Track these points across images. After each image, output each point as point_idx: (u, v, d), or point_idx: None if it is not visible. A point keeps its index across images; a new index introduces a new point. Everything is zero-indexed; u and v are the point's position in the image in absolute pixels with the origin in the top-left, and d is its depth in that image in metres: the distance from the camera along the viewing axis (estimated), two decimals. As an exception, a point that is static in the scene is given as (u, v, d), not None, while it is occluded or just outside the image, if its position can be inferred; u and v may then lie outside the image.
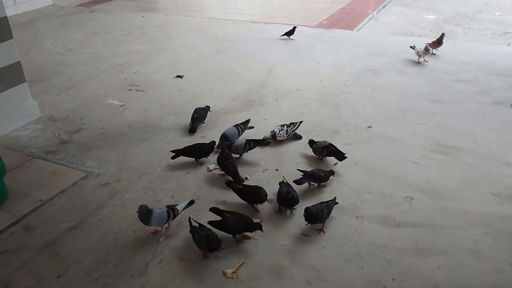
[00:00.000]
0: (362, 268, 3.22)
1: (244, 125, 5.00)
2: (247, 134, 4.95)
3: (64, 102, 6.08)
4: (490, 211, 3.77)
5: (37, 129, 5.35)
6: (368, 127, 5.15)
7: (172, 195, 4.05)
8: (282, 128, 4.85)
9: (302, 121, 5.02)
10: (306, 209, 3.52)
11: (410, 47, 7.22)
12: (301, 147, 4.78)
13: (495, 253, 3.33)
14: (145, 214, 3.43)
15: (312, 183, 4.15)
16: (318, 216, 3.51)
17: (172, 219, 3.57)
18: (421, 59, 7.14)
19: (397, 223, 3.66)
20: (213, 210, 3.64)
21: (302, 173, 4.10)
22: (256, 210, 3.83)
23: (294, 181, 4.02)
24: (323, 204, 3.63)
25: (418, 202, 3.90)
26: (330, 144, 4.46)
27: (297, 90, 6.28)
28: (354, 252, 3.36)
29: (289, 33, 8.43)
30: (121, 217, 3.79)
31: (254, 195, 3.84)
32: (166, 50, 8.17)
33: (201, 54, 7.85)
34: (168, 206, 3.61)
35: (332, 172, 4.20)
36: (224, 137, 4.70)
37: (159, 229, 3.59)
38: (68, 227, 3.69)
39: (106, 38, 8.90)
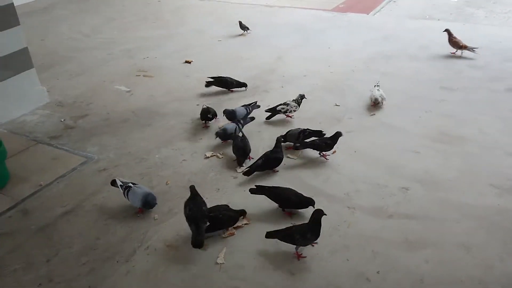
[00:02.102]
0: (347, 259, 3.18)
1: (252, 107, 5.06)
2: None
3: (73, 88, 6.17)
4: (487, 204, 3.66)
5: (44, 114, 5.45)
6: (372, 115, 5.05)
7: (166, 182, 4.08)
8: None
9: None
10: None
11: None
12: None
13: (486, 247, 3.23)
14: None
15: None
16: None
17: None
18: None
19: (389, 214, 3.59)
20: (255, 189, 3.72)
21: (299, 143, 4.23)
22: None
23: (293, 147, 4.20)
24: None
25: (414, 193, 3.81)
26: (307, 129, 4.46)
27: (304, 76, 6.19)
28: (342, 243, 3.32)
29: None
30: (114, 203, 3.84)
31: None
32: (178, 35, 8.18)
33: (211, 39, 7.82)
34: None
35: (338, 135, 4.21)
36: (231, 113, 4.82)
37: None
38: (63, 212, 3.77)
39: (121, 23, 8.96)
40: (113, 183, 3.84)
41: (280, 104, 4.99)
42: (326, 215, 3.16)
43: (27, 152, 4.69)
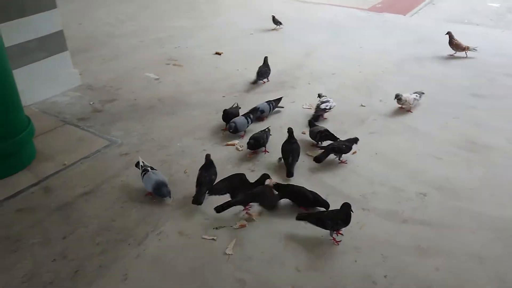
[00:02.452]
0: (356, 261, 3.15)
1: (276, 102, 5.07)
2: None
3: (104, 72, 6.32)
4: (506, 216, 3.56)
5: (75, 97, 5.61)
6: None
7: (185, 171, 4.14)
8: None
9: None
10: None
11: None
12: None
13: (501, 260, 3.15)
14: None
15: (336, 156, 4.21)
16: None
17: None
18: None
19: (404, 219, 3.54)
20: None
21: (322, 149, 4.17)
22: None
23: (314, 159, 4.11)
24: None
25: (431, 200, 3.74)
26: (326, 130, 4.42)
27: (332, 74, 6.15)
28: (352, 244, 3.29)
29: None
30: (132, 187, 3.92)
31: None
32: (211, 26, 8.24)
33: (243, 32, 7.85)
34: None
35: (355, 140, 4.20)
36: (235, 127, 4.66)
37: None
38: (83, 192, 3.88)
39: (155, 12, 9.10)
40: (137, 165, 3.94)
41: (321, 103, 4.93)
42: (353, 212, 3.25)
43: (55, 132, 4.83)
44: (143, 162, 3.92)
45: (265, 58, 5.91)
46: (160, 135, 4.72)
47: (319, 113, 4.88)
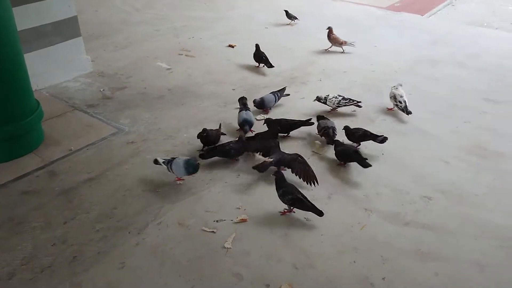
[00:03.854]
0: (354, 261, 3.13)
1: (280, 92, 5.09)
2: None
3: (116, 60, 6.34)
4: (511, 225, 3.50)
5: (86, 83, 5.64)
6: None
7: (189, 162, 4.13)
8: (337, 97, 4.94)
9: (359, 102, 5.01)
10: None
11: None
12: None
13: (502, 269, 3.10)
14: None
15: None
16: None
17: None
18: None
19: (406, 222, 3.50)
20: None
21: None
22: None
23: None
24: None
25: (435, 204, 3.69)
26: (332, 127, 4.40)
27: (344, 72, 6.09)
28: (351, 245, 3.26)
29: None
30: (136, 175, 3.93)
31: None
32: (226, 18, 8.21)
33: (258, 26, 7.82)
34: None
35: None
36: (261, 101, 4.92)
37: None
38: (87, 178, 3.90)
39: (172, 1, 9.09)
40: (156, 162, 3.88)
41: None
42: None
43: (64, 117, 4.86)
44: (162, 158, 3.88)
45: (257, 46, 6.17)
46: (168, 125, 4.73)
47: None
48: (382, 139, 4.26)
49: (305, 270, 3.05)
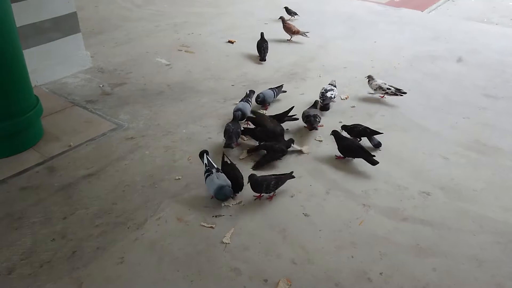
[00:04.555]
0: (352, 256, 3.14)
1: (278, 89, 5.13)
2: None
3: (116, 56, 6.34)
4: (509, 220, 3.50)
5: (85, 79, 5.64)
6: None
7: (188, 158, 4.14)
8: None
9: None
10: (250, 177, 3.60)
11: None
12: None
13: (499, 264, 3.10)
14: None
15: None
16: (263, 186, 3.54)
17: None
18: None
19: (404, 217, 3.50)
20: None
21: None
22: None
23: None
24: (272, 176, 3.62)
25: (434, 199, 3.70)
26: (315, 115, 4.47)
27: (344, 68, 6.09)
28: (350, 240, 3.27)
29: None
30: (135, 171, 3.94)
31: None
32: (226, 14, 8.20)
33: (258, 22, 7.81)
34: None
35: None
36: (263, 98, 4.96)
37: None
38: (86, 174, 3.91)
39: (173, -3, 9.08)
40: (201, 155, 3.81)
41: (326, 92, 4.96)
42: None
43: (63, 113, 4.87)
44: (208, 158, 3.76)
45: (262, 34, 6.37)
46: (167, 121, 4.73)
47: (327, 102, 4.87)
48: (376, 144, 4.29)
49: (304, 265, 3.06)
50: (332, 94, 4.86)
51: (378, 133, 4.32)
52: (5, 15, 3.79)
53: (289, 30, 6.85)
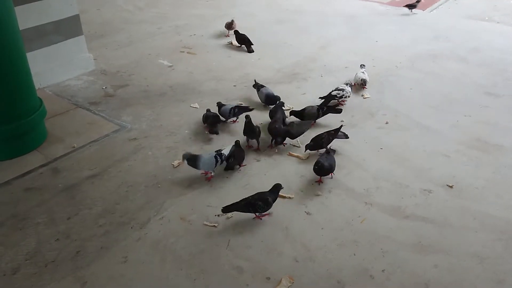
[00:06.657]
0: (354, 254, 3.15)
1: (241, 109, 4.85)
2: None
3: (119, 58, 6.37)
4: (511, 218, 3.51)
5: (88, 81, 5.68)
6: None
7: (190, 158, 4.16)
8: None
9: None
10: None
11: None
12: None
13: (501, 261, 3.11)
14: (192, 159, 3.76)
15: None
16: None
17: (220, 164, 3.86)
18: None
19: (406, 215, 3.52)
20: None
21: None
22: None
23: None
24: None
25: (435, 197, 3.71)
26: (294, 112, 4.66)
27: (346, 67, 6.10)
28: (352, 238, 3.29)
29: (411, 6, 8.20)
30: (138, 171, 3.97)
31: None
32: (228, 16, 8.18)
33: (259, 23, 7.83)
34: (216, 152, 3.88)
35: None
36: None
37: (211, 173, 3.86)
38: (90, 175, 3.94)
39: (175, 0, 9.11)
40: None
41: (335, 90, 5.01)
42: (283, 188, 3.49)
43: (67, 115, 4.91)
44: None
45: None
46: (169, 122, 4.76)
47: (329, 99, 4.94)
48: (344, 136, 4.35)
49: (306, 263, 3.08)
50: (338, 93, 4.95)
51: (339, 129, 4.30)
52: (9, 18, 3.83)
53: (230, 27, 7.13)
